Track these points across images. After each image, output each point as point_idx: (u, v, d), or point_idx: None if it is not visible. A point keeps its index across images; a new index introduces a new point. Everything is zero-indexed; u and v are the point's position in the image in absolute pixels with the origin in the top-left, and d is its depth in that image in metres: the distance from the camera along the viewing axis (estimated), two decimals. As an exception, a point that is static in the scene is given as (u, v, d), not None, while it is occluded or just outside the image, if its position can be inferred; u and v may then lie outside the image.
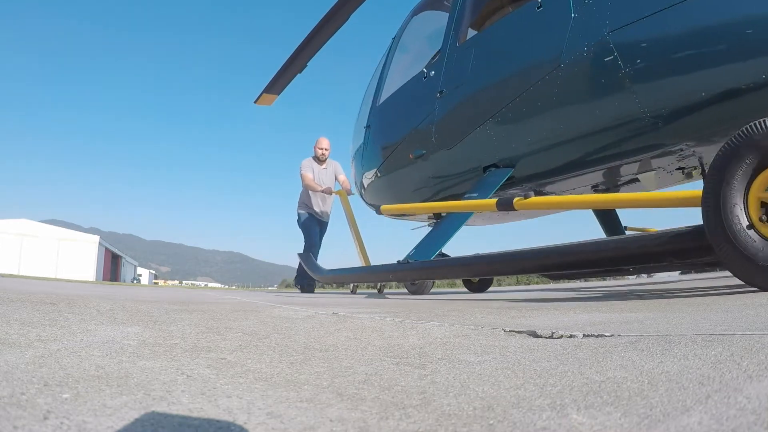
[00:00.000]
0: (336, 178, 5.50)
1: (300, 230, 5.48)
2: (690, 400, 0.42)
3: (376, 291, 5.13)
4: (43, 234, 30.47)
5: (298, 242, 5.24)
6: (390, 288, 6.09)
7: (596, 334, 0.83)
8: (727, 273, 1.70)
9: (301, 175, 5.30)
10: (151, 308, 1.66)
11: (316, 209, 5.41)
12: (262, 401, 0.47)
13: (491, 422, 0.40)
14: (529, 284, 11.33)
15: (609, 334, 0.82)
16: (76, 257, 30.70)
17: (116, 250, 40.56)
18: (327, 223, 5.63)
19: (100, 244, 32.90)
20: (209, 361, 0.69)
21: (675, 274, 6.71)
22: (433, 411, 0.43)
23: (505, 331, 0.97)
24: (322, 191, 5.22)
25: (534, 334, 0.90)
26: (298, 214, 5.48)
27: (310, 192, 5.39)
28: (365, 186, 4.09)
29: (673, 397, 0.43)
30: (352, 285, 4.97)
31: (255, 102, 4.99)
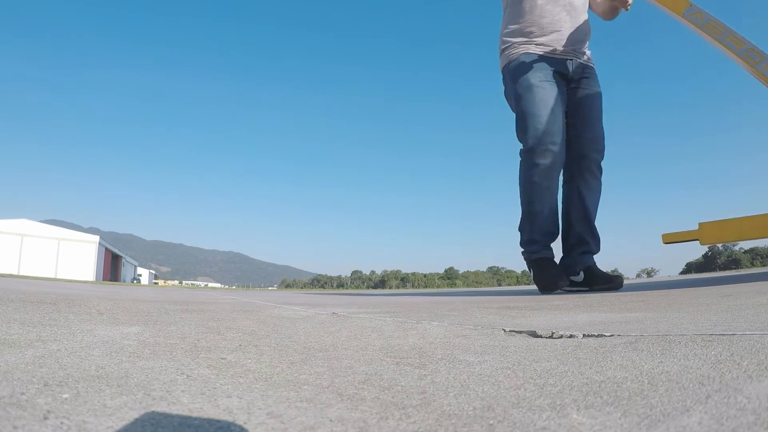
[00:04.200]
0: None
1: (512, 105, 2.41)
2: (690, 400, 0.42)
3: None
4: (43, 234, 30.49)
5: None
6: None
7: (596, 334, 0.83)
8: (727, 273, 1.68)
9: None
10: (151, 308, 1.66)
11: (556, 34, 2.31)
12: (262, 401, 0.47)
13: (491, 422, 0.40)
14: (528, 284, 11.33)
15: (609, 334, 0.82)
16: (76, 257, 30.73)
17: (116, 250, 40.58)
18: (586, 76, 2.45)
19: (100, 244, 32.91)
20: (209, 361, 0.69)
21: (675, 274, 6.72)
22: (433, 411, 0.43)
23: (505, 331, 0.97)
24: None
25: (534, 334, 0.90)
26: (508, 64, 2.42)
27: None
28: None
29: (673, 397, 0.43)
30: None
31: None
